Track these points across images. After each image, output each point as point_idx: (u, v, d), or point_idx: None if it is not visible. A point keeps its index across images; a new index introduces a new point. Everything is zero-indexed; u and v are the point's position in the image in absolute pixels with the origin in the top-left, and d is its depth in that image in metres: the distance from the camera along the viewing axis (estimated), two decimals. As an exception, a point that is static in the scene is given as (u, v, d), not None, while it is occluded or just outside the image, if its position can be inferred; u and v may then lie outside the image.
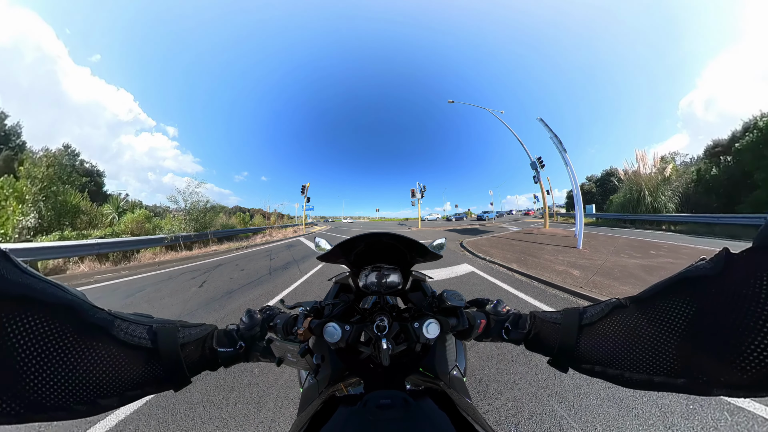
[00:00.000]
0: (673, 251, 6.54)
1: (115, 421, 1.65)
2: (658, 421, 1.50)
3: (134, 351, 0.36)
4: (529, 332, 0.53)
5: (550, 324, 0.49)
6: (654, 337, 0.33)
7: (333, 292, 0.91)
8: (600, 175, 34.91)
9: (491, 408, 1.64)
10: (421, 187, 23.95)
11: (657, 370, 0.33)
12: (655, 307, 0.34)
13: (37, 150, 22.20)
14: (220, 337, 0.50)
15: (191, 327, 0.47)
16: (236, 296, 4.10)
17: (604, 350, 0.39)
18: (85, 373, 0.30)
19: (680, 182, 17.72)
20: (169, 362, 0.39)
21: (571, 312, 0.47)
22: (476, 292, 3.96)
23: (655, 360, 0.33)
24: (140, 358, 0.36)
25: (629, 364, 0.36)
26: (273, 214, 36.35)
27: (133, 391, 0.35)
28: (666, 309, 0.33)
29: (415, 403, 0.46)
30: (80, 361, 0.30)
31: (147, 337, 0.38)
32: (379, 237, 0.71)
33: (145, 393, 0.37)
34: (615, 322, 0.39)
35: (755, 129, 15.13)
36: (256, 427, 1.57)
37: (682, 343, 0.31)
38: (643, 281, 3.97)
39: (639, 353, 0.34)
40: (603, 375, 0.39)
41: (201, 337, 0.47)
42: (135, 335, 0.37)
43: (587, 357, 0.41)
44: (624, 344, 0.36)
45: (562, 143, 8.36)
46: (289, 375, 2.05)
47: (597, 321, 0.42)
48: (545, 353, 0.49)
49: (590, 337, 0.42)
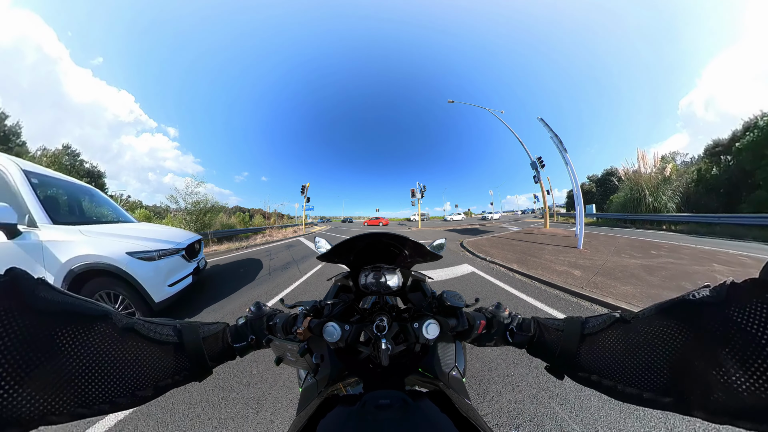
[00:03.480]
0: (673, 251, 6.53)
1: (114, 421, 1.64)
2: (660, 422, 1.50)
3: (163, 347, 0.41)
4: (533, 336, 0.53)
5: (553, 330, 0.50)
6: (649, 355, 0.35)
7: (332, 292, 0.91)
8: (600, 175, 34.91)
9: (492, 410, 1.63)
10: (421, 187, 23.97)
11: (648, 386, 0.34)
12: (653, 326, 0.35)
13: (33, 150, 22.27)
14: (232, 332, 0.55)
15: (209, 325, 0.53)
16: (235, 298, 4.09)
17: (601, 361, 0.40)
18: (123, 370, 0.35)
19: (681, 182, 17.71)
20: (194, 355, 0.45)
21: (574, 321, 0.48)
22: (477, 293, 3.95)
23: (648, 376, 0.34)
24: (169, 353, 0.42)
25: (623, 378, 0.37)
26: (273, 214, 36.36)
27: (164, 382, 0.40)
28: (664, 329, 0.34)
29: (414, 403, 0.46)
30: (118, 359, 0.35)
31: (173, 334, 0.43)
32: (378, 237, 0.70)
33: (175, 383, 0.42)
34: (614, 335, 0.40)
35: (755, 128, 15.13)
36: (255, 428, 1.57)
37: (675, 364, 0.32)
38: (644, 281, 3.97)
39: (633, 368, 0.36)
40: (597, 385, 0.40)
41: (218, 332, 0.52)
42: (163, 333, 0.42)
43: (585, 366, 0.43)
44: (621, 357, 0.38)
45: (563, 143, 8.36)
46: (288, 375, 2.05)
47: (598, 332, 0.43)
48: (545, 359, 0.51)
49: (590, 347, 0.43)
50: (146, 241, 2.94)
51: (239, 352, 0.54)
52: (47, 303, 0.30)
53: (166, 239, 3.21)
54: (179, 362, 0.43)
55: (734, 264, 5.09)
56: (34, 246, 2.30)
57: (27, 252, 2.28)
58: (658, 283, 3.88)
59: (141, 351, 0.38)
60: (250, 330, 0.57)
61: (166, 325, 0.44)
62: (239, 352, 0.54)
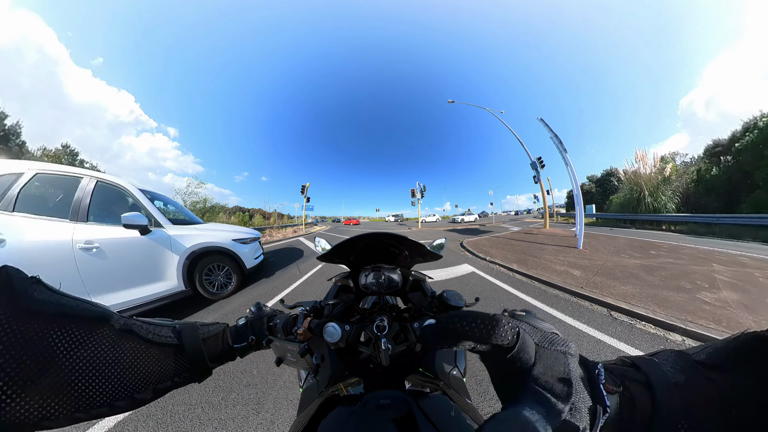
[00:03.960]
0: (673, 251, 6.54)
1: (113, 422, 1.64)
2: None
3: (162, 348, 0.40)
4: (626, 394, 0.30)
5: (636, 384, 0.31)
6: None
7: (333, 292, 0.91)
8: (600, 175, 34.93)
9: (492, 410, 1.63)
10: (421, 187, 23.97)
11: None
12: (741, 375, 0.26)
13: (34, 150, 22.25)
14: (232, 333, 0.55)
15: (209, 325, 0.51)
16: (235, 298, 4.09)
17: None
18: (121, 372, 0.34)
19: (680, 182, 17.74)
20: (194, 356, 0.44)
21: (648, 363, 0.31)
22: (476, 293, 3.95)
23: None
24: (168, 354, 0.41)
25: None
26: (273, 214, 36.35)
27: (164, 384, 0.39)
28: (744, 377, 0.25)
29: (415, 403, 0.46)
30: (117, 362, 0.34)
31: (172, 335, 0.42)
32: (378, 237, 0.71)
33: (175, 385, 0.41)
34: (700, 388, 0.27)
35: (755, 129, 15.16)
36: (255, 428, 1.56)
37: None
38: (644, 281, 3.97)
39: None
40: None
41: (218, 332, 0.51)
42: (161, 335, 0.41)
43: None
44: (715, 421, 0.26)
45: (563, 143, 8.36)
46: (288, 376, 2.04)
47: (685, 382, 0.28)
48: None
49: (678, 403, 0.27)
50: (239, 233, 4.43)
51: (240, 353, 0.54)
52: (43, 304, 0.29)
53: (247, 232, 4.76)
54: (179, 364, 0.42)
55: (734, 264, 5.10)
56: (164, 238, 3.29)
57: (157, 242, 3.21)
58: (658, 283, 3.88)
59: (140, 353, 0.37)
60: (250, 330, 0.56)
61: (165, 326, 0.43)
62: (240, 353, 0.54)
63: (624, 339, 2.46)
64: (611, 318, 2.95)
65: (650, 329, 2.65)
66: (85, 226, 2.77)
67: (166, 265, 3.28)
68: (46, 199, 2.79)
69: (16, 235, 2.39)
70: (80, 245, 2.66)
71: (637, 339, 2.47)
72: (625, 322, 2.82)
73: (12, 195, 2.50)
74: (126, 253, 2.94)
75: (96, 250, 2.74)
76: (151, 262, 3.15)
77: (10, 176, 2.57)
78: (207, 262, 3.78)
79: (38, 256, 2.47)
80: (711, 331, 2.42)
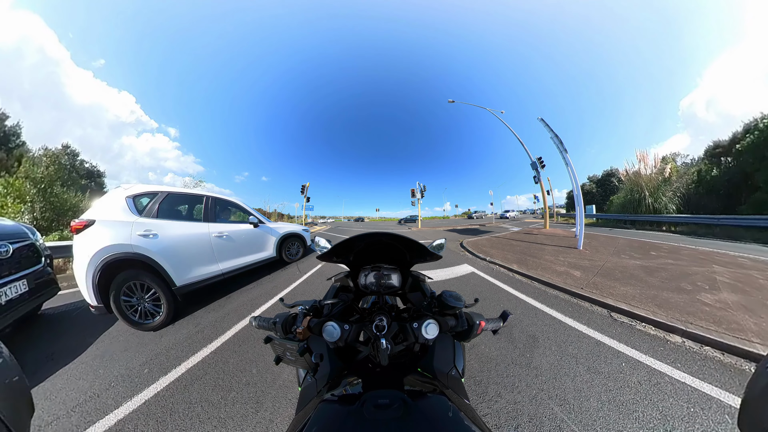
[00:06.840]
0: (673, 252, 6.53)
1: (114, 421, 1.64)
2: (659, 424, 1.49)
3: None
4: None
5: None
6: None
7: (332, 291, 0.91)
8: (600, 176, 34.88)
9: (491, 410, 1.63)
10: (421, 187, 23.93)
11: None
12: None
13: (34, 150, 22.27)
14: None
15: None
16: (235, 297, 4.09)
17: None
18: None
19: (681, 183, 17.71)
20: None
21: None
22: (476, 293, 3.95)
23: None
24: None
25: None
26: (273, 214, 36.33)
27: None
28: None
29: (414, 403, 0.46)
30: None
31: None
32: (378, 237, 0.70)
33: None
34: None
35: (756, 130, 15.13)
36: (254, 427, 1.57)
37: None
38: (644, 282, 3.96)
39: None
40: None
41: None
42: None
43: None
44: None
45: (563, 143, 8.35)
46: (288, 375, 2.04)
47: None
48: None
49: None
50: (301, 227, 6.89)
51: None
52: None
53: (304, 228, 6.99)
54: None
55: (734, 265, 5.09)
56: (267, 229, 5.43)
57: (266, 232, 5.37)
58: (658, 284, 3.88)
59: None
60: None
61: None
62: None
63: (624, 340, 2.45)
64: (611, 319, 2.95)
65: (650, 330, 2.65)
66: (214, 224, 4.16)
67: (268, 244, 5.43)
68: (177, 209, 4.02)
69: (162, 231, 3.40)
70: (214, 234, 4.05)
71: (637, 340, 2.46)
72: (625, 324, 2.81)
73: (154, 208, 3.53)
74: (245, 238, 4.73)
75: (226, 237, 4.26)
76: (260, 241, 5.19)
77: (152, 194, 3.61)
78: (291, 243, 6.41)
79: (183, 243, 3.56)
80: (711, 333, 2.42)
